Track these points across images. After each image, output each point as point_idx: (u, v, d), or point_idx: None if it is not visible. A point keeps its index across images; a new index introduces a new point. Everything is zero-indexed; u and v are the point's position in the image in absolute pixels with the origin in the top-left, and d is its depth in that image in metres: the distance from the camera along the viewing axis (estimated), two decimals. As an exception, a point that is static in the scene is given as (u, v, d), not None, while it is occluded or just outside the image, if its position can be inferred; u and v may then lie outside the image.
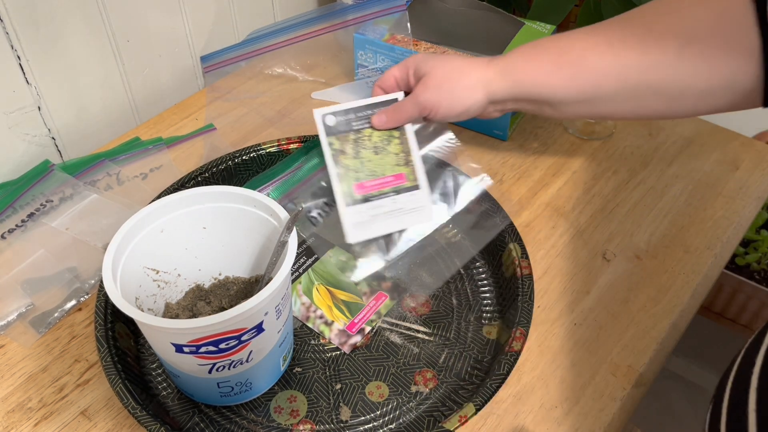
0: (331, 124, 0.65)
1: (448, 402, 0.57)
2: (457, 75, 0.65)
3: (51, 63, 0.76)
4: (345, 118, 0.65)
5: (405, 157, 0.65)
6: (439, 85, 0.64)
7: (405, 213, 0.64)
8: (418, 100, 0.64)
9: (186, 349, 0.49)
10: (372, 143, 0.65)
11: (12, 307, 0.64)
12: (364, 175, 0.64)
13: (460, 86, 0.64)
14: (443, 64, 0.65)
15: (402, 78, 0.67)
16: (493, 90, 0.64)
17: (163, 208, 0.55)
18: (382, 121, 0.66)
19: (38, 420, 0.57)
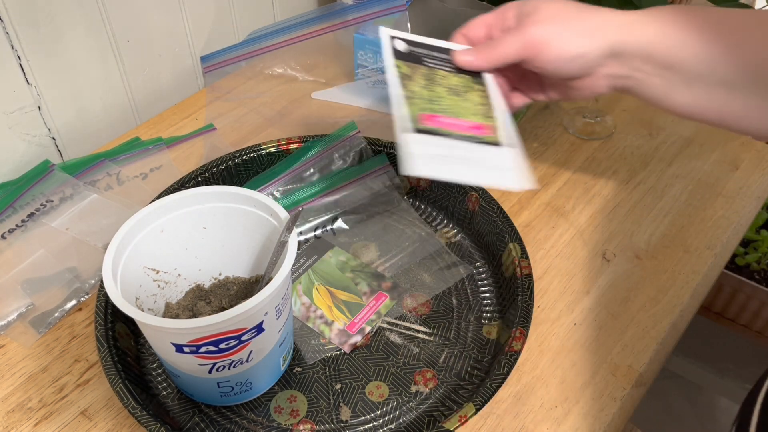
0: (401, 50, 0.54)
1: (448, 402, 0.57)
2: (576, 11, 0.53)
3: (51, 63, 0.76)
4: (417, 50, 0.54)
5: (487, 110, 0.54)
6: (552, 17, 0.53)
7: (485, 168, 0.51)
8: (522, 35, 0.53)
9: (186, 349, 0.49)
10: (449, 85, 0.53)
11: (12, 307, 0.64)
12: (439, 108, 0.51)
13: (580, 24, 0.53)
14: (560, 1, 0.54)
15: (496, 25, 0.56)
16: (623, 38, 0.52)
17: (163, 208, 0.55)
18: (468, 60, 0.54)
19: (38, 420, 0.57)
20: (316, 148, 0.71)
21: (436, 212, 0.72)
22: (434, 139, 0.49)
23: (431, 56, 0.54)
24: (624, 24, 0.51)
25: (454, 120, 0.51)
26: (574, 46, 0.52)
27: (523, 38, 0.52)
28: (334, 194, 0.70)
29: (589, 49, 0.52)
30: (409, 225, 0.71)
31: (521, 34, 0.53)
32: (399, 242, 0.69)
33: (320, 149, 0.71)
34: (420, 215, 0.72)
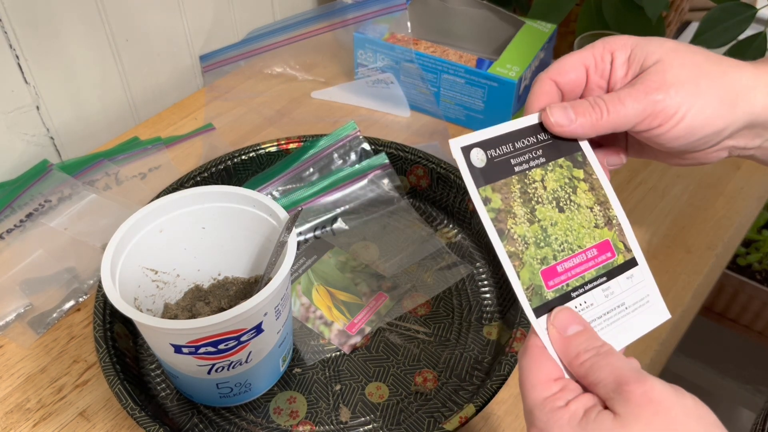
0: (481, 165, 0.40)
1: (449, 403, 0.57)
2: (712, 67, 0.41)
3: (50, 62, 0.76)
4: (499, 153, 0.40)
5: (603, 210, 0.42)
6: (686, 78, 0.40)
7: (629, 312, 0.41)
8: (645, 100, 0.39)
9: (185, 350, 0.49)
10: (550, 192, 0.41)
11: (10, 307, 0.64)
12: (552, 251, 0.40)
13: (720, 87, 0.40)
14: (687, 50, 0.41)
15: (598, 65, 0.42)
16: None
17: (162, 208, 0.55)
18: (565, 125, 0.40)
19: (37, 420, 0.57)
20: (316, 147, 0.71)
21: (436, 212, 0.72)
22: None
23: (518, 148, 0.41)
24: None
25: (575, 259, 0.40)
26: (711, 121, 0.40)
27: (648, 106, 0.40)
28: (333, 194, 0.70)
29: (728, 123, 0.41)
30: (409, 225, 0.70)
31: (644, 99, 0.39)
32: (399, 242, 0.69)
33: (320, 149, 0.71)
34: (420, 215, 0.71)
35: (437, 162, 0.70)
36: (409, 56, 0.82)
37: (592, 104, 0.40)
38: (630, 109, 0.40)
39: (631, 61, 0.42)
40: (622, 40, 0.42)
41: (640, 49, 0.41)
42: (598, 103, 0.40)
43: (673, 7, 1.05)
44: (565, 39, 1.02)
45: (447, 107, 0.84)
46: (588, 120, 0.40)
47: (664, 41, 0.42)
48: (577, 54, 0.43)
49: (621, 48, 0.42)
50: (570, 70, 0.42)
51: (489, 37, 0.87)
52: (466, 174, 0.39)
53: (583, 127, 0.40)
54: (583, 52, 0.42)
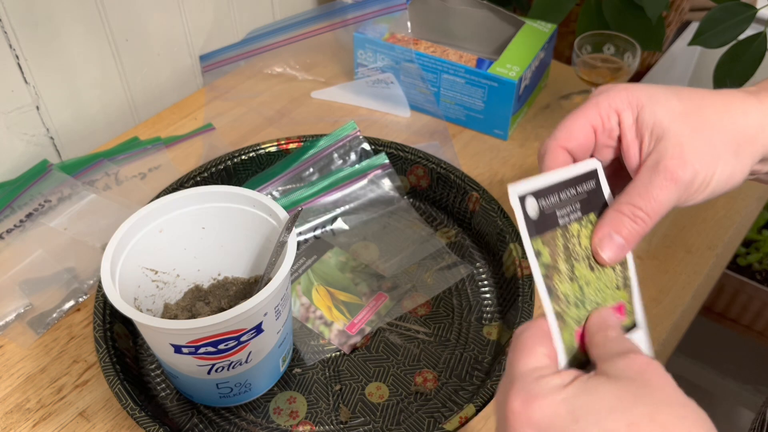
0: (534, 215, 0.39)
1: (449, 403, 0.57)
2: (728, 121, 0.41)
3: (49, 62, 0.75)
4: (549, 203, 0.40)
5: (623, 271, 0.42)
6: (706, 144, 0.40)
7: None
8: (679, 184, 0.39)
9: (185, 350, 0.49)
10: (584, 248, 0.41)
11: (10, 307, 0.64)
12: (586, 311, 0.40)
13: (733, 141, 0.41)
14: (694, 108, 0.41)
15: (605, 125, 0.42)
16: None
17: (162, 208, 0.55)
18: (619, 253, 0.40)
19: (37, 420, 0.57)
20: (316, 147, 0.71)
21: (436, 212, 0.72)
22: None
23: (563, 200, 0.40)
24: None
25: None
26: (733, 177, 0.41)
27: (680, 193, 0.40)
28: (333, 194, 0.70)
29: (747, 170, 0.42)
30: (409, 225, 0.70)
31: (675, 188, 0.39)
32: (399, 242, 0.69)
33: (320, 149, 0.71)
34: (420, 215, 0.71)
35: (437, 162, 0.70)
36: (409, 56, 0.82)
37: (632, 217, 0.40)
38: (666, 201, 0.40)
39: (640, 126, 0.41)
40: (627, 98, 0.42)
41: (648, 114, 0.41)
42: (636, 213, 0.40)
43: (673, 7, 1.05)
44: (565, 39, 1.02)
45: (447, 107, 0.84)
46: (636, 234, 0.40)
47: (670, 99, 0.41)
48: (583, 115, 0.42)
49: (626, 108, 0.41)
50: (579, 135, 0.42)
51: (489, 37, 0.87)
52: (522, 225, 0.38)
53: (633, 243, 0.40)
54: (589, 113, 0.42)
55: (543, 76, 0.87)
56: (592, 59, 0.79)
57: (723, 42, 0.80)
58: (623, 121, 0.42)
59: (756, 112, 0.41)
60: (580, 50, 0.80)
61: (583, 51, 0.80)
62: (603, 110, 0.42)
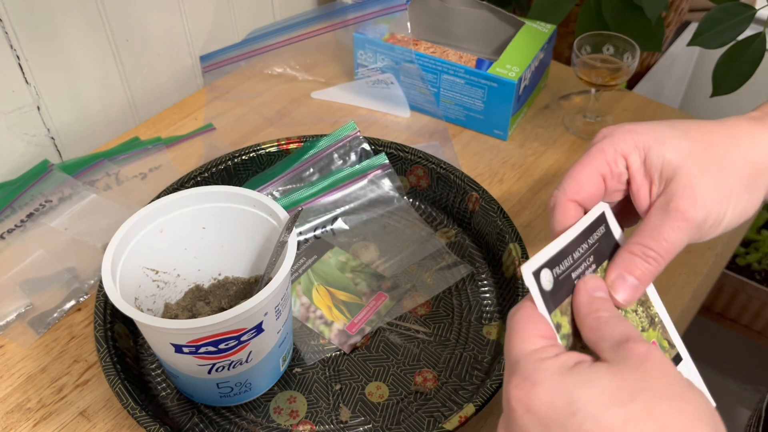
0: (549, 287, 0.38)
1: (449, 402, 0.57)
2: (738, 157, 0.40)
3: (50, 63, 0.76)
4: (563, 268, 0.39)
5: (645, 309, 0.42)
6: (717, 183, 0.39)
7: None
8: (692, 224, 0.39)
9: (185, 350, 0.49)
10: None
11: (11, 307, 0.64)
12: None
13: (749, 173, 0.40)
14: (702, 145, 0.40)
15: (614, 171, 0.41)
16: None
17: (163, 208, 0.55)
18: (633, 294, 0.40)
19: (37, 420, 0.57)
20: (316, 148, 0.71)
21: (436, 212, 0.72)
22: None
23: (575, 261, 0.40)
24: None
25: None
26: (746, 211, 0.41)
27: (693, 233, 0.39)
28: (333, 194, 0.70)
29: (759, 202, 0.42)
30: (409, 225, 0.70)
31: (687, 228, 0.39)
32: (399, 242, 0.69)
33: (320, 149, 0.71)
34: (420, 215, 0.71)
35: (437, 162, 0.70)
36: (409, 57, 0.82)
37: (644, 257, 0.39)
38: (679, 242, 0.39)
39: (648, 168, 0.41)
40: (633, 141, 0.41)
41: (655, 156, 0.40)
42: (648, 254, 0.39)
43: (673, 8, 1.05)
44: (565, 39, 1.02)
45: (447, 107, 0.84)
46: (649, 275, 0.40)
47: (677, 139, 0.40)
48: (590, 164, 0.41)
49: (633, 151, 0.41)
50: (588, 185, 0.41)
51: (489, 37, 0.87)
52: (539, 303, 0.37)
53: (647, 284, 0.40)
54: (596, 161, 0.41)
55: (543, 77, 0.87)
56: (591, 59, 0.79)
57: (722, 42, 0.80)
58: (631, 165, 0.41)
59: (764, 141, 0.41)
60: (579, 51, 0.80)
61: (582, 51, 0.80)
62: (609, 156, 0.41)
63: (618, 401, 0.31)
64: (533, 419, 0.32)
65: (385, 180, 0.71)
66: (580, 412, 0.31)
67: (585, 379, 0.32)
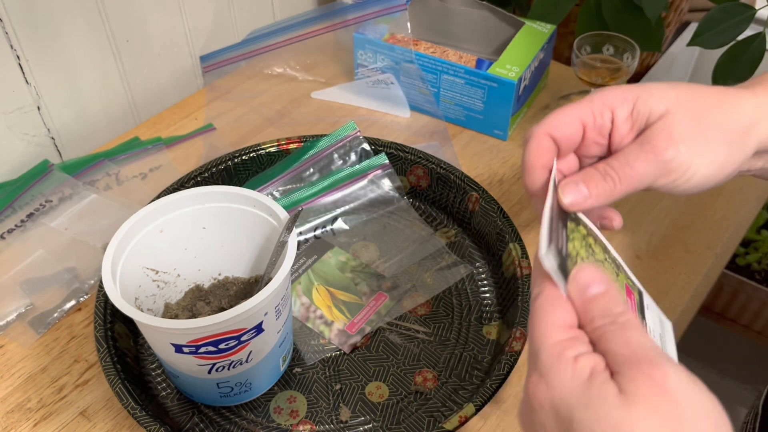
0: (557, 262, 0.37)
1: (448, 402, 0.57)
2: (717, 105, 0.41)
3: (50, 63, 0.76)
4: (556, 242, 0.38)
5: (610, 256, 0.42)
6: (694, 130, 0.40)
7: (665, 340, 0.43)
8: (659, 157, 0.39)
9: (185, 350, 0.49)
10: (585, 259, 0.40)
11: (11, 307, 0.64)
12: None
13: (727, 128, 0.40)
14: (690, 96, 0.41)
15: (596, 122, 0.42)
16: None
17: (163, 208, 0.55)
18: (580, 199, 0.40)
19: (37, 420, 0.57)
20: (316, 148, 0.71)
21: (436, 212, 0.72)
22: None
23: (559, 228, 0.39)
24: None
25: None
26: (724, 168, 0.41)
27: (659, 166, 0.39)
28: (333, 194, 0.70)
29: (739, 163, 0.42)
30: (409, 225, 0.70)
31: (654, 160, 0.39)
32: (399, 242, 0.69)
33: (320, 149, 0.71)
34: (420, 215, 0.72)
35: (437, 162, 0.70)
36: (409, 57, 0.82)
37: (603, 174, 0.40)
38: (641, 172, 0.39)
39: (634, 117, 0.41)
40: (622, 94, 0.41)
41: (642, 104, 0.41)
42: (608, 172, 0.40)
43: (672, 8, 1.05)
44: (565, 39, 1.02)
45: (447, 107, 0.84)
46: (602, 191, 0.40)
47: (665, 89, 0.41)
48: (574, 109, 0.42)
49: (621, 104, 0.41)
50: (566, 126, 0.41)
51: (489, 37, 0.87)
52: (562, 285, 0.36)
53: (598, 199, 0.40)
54: (581, 108, 0.41)
55: (542, 77, 0.87)
56: (591, 60, 0.79)
57: (722, 42, 0.80)
58: (617, 117, 0.41)
59: (750, 104, 0.41)
60: (579, 51, 0.80)
61: (582, 51, 0.80)
62: (596, 106, 0.41)
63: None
64: (548, 416, 0.33)
65: (385, 180, 0.71)
66: (575, 430, 0.31)
67: (589, 400, 0.32)
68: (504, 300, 0.63)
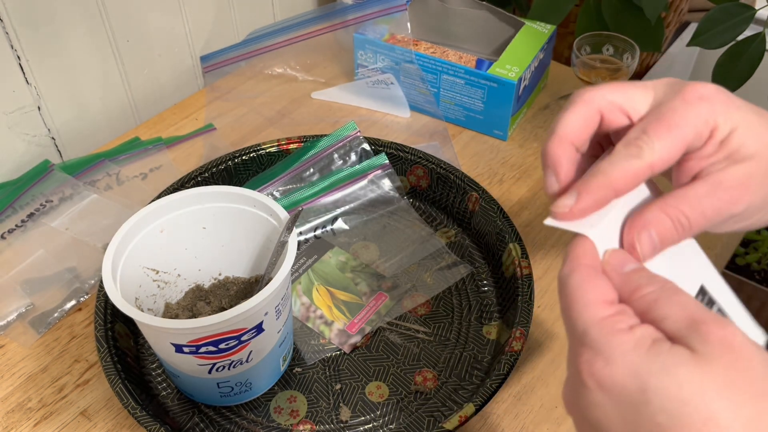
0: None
1: (448, 402, 0.57)
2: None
3: (51, 63, 0.76)
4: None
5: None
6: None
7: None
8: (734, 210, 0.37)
9: (186, 350, 0.49)
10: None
11: (12, 307, 0.64)
12: None
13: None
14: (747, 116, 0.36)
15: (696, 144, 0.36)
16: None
17: (163, 208, 0.55)
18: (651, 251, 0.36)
19: (38, 420, 0.57)
20: (316, 148, 0.71)
21: (436, 212, 0.72)
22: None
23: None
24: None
25: None
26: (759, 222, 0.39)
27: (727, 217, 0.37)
28: (334, 194, 0.70)
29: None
30: (409, 225, 0.70)
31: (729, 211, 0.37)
32: (399, 242, 0.69)
33: (320, 149, 0.71)
34: (420, 215, 0.72)
35: (437, 162, 0.70)
36: (409, 57, 0.82)
37: (675, 223, 0.36)
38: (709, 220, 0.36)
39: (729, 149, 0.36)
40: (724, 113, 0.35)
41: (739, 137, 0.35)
42: (680, 221, 0.36)
43: (672, 8, 1.05)
44: (565, 39, 1.03)
45: (447, 108, 0.84)
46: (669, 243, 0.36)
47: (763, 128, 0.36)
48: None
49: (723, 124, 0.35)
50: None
51: (489, 37, 0.87)
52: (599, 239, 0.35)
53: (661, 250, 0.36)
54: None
55: (542, 77, 0.88)
56: (591, 60, 0.79)
57: (722, 43, 0.80)
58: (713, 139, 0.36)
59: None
60: (579, 51, 0.80)
61: (582, 52, 0.80)
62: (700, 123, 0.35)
63: (699, 397, 0.28)
64: (607, 397, 0.30)
65: (385, 180, 0.71)
66: (654, 402, 0.29)
67: (663, 365, 0.29)
68: (504, 300, 0.63)
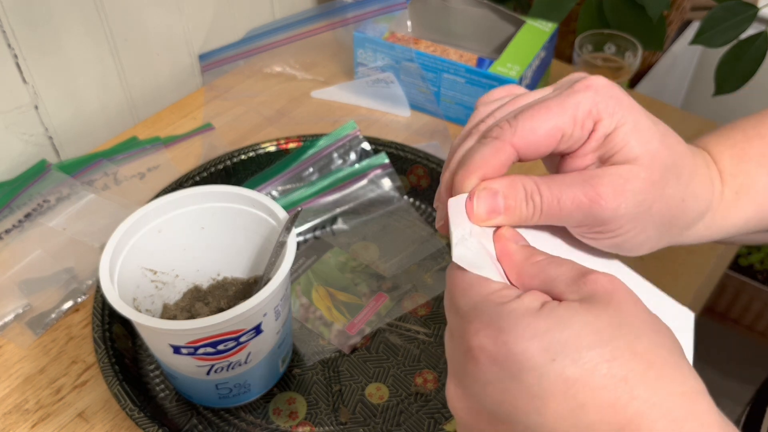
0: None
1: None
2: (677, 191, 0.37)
3: (48, 62, 0.75)
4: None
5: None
6: (646, 205, 0.35)
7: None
8: (597, 213, 0.34)
9: (184, 351, 0.49)
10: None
11: (9, 307, 0.64)
12: None
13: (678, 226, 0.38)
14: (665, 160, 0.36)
15: (574, 135, 0.35)
16: (720, 223, 0.40)
17: (161, 208, 0.54)
18: (493, 209, 0.35)
19: (35, 422, 0.57)
20: (315, 147, 0.71)
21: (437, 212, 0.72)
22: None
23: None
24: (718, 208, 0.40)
25: None
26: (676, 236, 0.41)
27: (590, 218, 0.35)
28: (333, 194, 0.70)
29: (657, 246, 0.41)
30: (409, 225, 0.70)
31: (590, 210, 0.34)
32: (399, 242, 0.69)
33: (319, 149, 0.71)
34: (420, 215, 0.71)
35: (437, 162, 0.70)
36: (409, 55, 0.82)
37: (528, 197, 0.35)
38: (566, 213, 0.34)
39: (608, 145, 0.35)
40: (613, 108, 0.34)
41: (623, 136, 0.35)
42: (533, 198, 0.34)
43: (674, 6, 1.04)
44: (566, 38, 1.02)
45: (447, 107, 0.84)
46: (517, 217, 0.34)
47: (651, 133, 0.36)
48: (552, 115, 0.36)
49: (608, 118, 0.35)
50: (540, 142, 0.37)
51: (489, 36, 0.87)
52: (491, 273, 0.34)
53: (508, 221, 0.35)
54: (562, 114, 0.35)
55: (544, 76, 0.87)
56: (592, 58, 0.79)
57: (724, 41, 0.80)
58: (597, 132, 0.35)
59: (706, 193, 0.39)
60: (580, 49, 0.79)
61: (583, 50, 0.80)
62: (580, 114, 0.35)
63: (598, 340, 0.28)
64: (501, 370, 0.28)
65: (385, 180, 0.71)
66: (560, 356, 0.27)
67: (558, 320, 0.28)
68: (505, 300, 0.63)
